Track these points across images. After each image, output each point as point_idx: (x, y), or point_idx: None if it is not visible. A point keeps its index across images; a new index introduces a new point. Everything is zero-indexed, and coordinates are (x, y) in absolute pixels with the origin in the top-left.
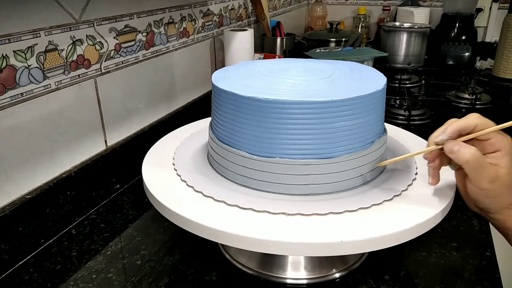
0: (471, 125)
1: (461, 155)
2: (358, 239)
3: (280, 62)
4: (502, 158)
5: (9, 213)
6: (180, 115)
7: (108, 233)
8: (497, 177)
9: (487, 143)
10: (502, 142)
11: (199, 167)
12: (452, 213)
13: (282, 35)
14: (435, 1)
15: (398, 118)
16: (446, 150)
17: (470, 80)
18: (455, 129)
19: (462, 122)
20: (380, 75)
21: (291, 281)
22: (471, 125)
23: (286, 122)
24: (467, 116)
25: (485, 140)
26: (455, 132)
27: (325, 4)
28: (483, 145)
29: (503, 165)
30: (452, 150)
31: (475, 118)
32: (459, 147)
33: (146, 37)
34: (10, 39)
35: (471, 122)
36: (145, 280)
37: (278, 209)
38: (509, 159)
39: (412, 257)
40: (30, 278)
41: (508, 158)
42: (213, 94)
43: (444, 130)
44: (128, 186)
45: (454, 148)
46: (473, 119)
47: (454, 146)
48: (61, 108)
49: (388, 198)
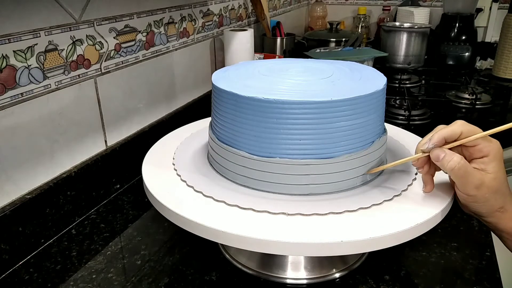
0: (456, 133)
1: (446, 163)
2: (358, 239)
3: (280, 62)
4: (489, 163)
5: (9, 213)
6: (180, 115)
7: (108, 233)
8: (483, 184)
9: (475, 149)
10: (489, 148)
11: (199, 167)
12: (452, 213)
13: (282, 35)
14: (435, 1)
15: (398, 118)
16: (432, 157)
17: (470, 80)
18: (440, 137)
19: (448, 130)
20: (380, 75)
21: (291, 281)
22: (457, 133)
23: (286, 122)
24: (453, 123)
25: (472, 146)
26: (441, 140)
27: (325, 4)
28: (470, 151)
29: (490, 171)
30: (438, 158)
31: (461, 126)
32: (444, 155)
33: (146, 37)
34: (10, 39)
35: (456, 130)
36: (145, 280)
37: (278, 209)
38: (496, 164)
39: (412, 257)
40: (30, 278)
41: (495, 163)
42: (213, 94)
43: (430, 138)
44: (128, 186)
45: (440, 156)
46: (459, 127)
47: (440, 154)
48: (61, 108)
49: (388, 198)
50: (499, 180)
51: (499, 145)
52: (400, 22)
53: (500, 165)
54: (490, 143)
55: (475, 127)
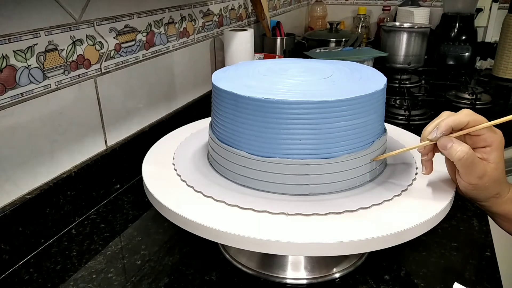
0: (463, 122)
1: (454, 153)
2: (358, 239)
3: (280, 62)
4: (491, 153)
5: (9, 213)
6: (180, 115)
7: (108, 233)
8: (485, 173)
9: (479, 139)
10: (493, 138)
11: (199, 167)
12: (452, 213)
13: (282, 35)
14: (435, 1)
15: (398, 118)
16: (440, 146)
17: (470, 80)
18: (448, 125)
19: (455, 118)
20: (380, 75)
21: (291, 281)
22: (464, 122)
23: (286, 122)
24: (460, 112)
25: (477, 135)
26: (448, 129)
27: (325, 4)
28: (474, 140)
29: (491, 160)
30: (445, 147)
31: (468, 115)
32: (452, 144)
33: (146, 37)
34: (10, 39)
35: (463, 119)
36: (145, 280)
37: (278, 209)
38: (497, 154)
39: (412, 257)
40: (30, 278)
41: (497, 153)
42: (213, 94)
43: (438, 126)
44: (128, 186)
45: (447, 145)
46: (466, 116)
47: (448, 143)
48: (61, 108)
49: (388, 198)
50: (499, 170)
51: (502, 135)
52: (400, 22)
53: (501, 155)
54: (495, 133)
55: (481, 117)
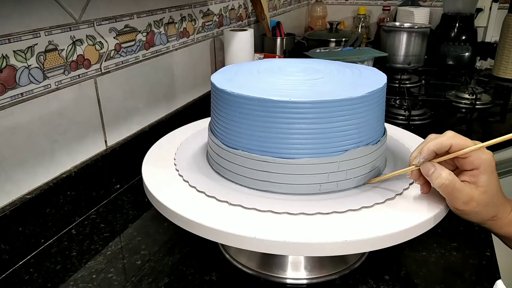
0: (446, 145)
1: (434, 179)
2: (360, 239)
3: (280, 62)
4: (479, 176)
5: (9, 213)
6: (180, 115)
7: (108, 233)
8: (472, 199)
9: (465, 161)
10: (480, 160)
11: (200, 167)
12: (452, 213)
13: (282, 35)
14: (435, 1)
15: (398, 118)
16: (423, 172)
17: (470, 80)
18: (429, 150)
19: (437, 142)
20: (380, 74)
21: (291, 281)
22: (446, 145)
23: (285, 122)
24: (443, 134)
25: (463, 158)
26: (430, 153)
27: (325, 4)
28: (461, 162)
29: (480, 184)
30: (428, 173)
31: (450, 138)
32: (433, 170)
33: (146, 37)
34: (10, 39)
35: (445, 142)
36: (145, 280)
37: (281, 209)
38: (487, 177)
39: (412, 257)
40: (30, 278)
41: (486, 176)
42: (213, 94)
43: (421, 151)
44: (128, 186)
45: (429, 172)
46: (448, 139)
47: (429, 170)
48: (61, 108)
49: (390, 197)
50: (489, 194)
51: (491, 157)
52: (400, 22)
53: (491, 178)
54: (482, 155)
55: (465, 139)
